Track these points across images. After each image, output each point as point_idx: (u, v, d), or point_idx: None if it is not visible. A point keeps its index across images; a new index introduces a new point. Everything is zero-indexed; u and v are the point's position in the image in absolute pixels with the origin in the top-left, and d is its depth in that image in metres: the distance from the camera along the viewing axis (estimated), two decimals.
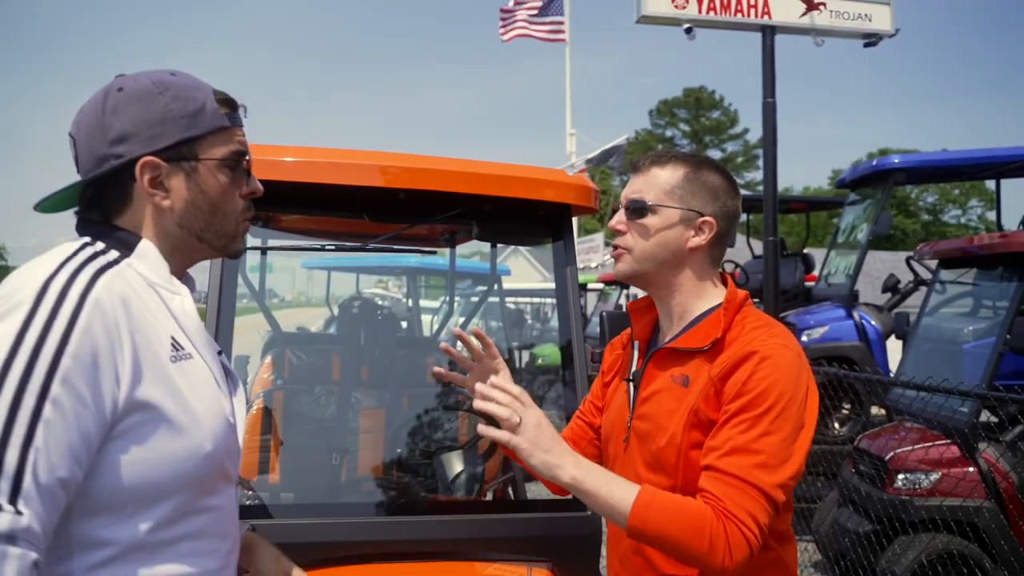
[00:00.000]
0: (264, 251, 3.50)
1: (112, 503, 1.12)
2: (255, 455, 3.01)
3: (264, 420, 3.12)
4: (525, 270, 39.27)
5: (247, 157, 1.35)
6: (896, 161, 7.73)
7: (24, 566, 0.98)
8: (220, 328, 2.25)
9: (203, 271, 1.58)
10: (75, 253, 1.18)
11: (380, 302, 4.51)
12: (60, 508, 1.06)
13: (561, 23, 16.50)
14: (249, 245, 2.56)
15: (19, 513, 0.98)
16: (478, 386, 1.44)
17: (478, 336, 1.71)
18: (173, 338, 1.21)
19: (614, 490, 1.39)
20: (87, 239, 1.23)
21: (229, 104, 1.33)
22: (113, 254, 1.22)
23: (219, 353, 1.42)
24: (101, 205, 1.28)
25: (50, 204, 1.30)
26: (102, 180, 1.25)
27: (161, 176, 1.25)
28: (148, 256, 1.26)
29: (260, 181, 2.31)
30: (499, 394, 1.42)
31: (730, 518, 1.36)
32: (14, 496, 0.99)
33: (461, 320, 9.34)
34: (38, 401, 1.02)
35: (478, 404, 1.39)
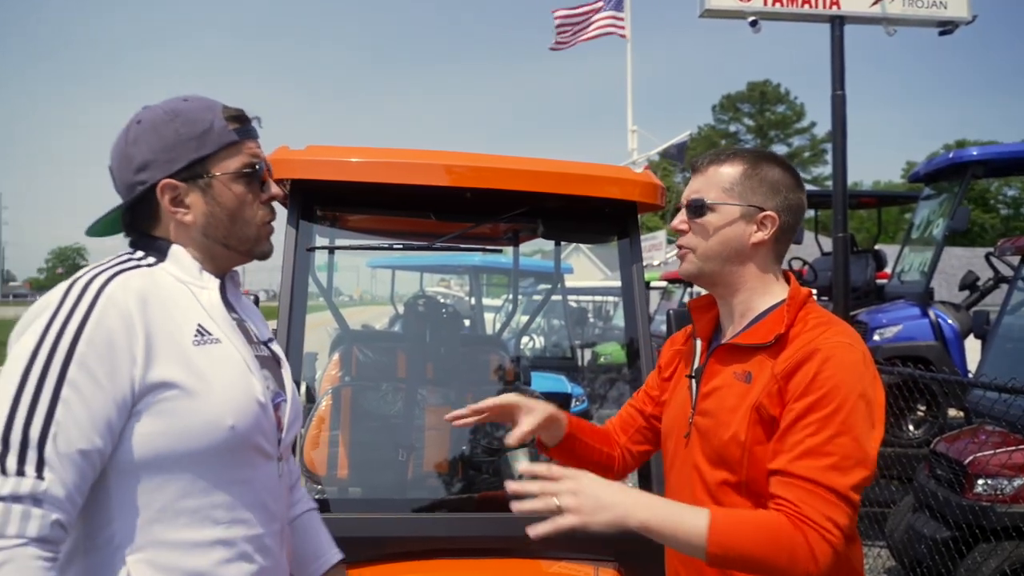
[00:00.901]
0: (331, 250, 3.56)
1: (143, 470, 1.26)
2: (323, 450, 3.07)
3: (332, 416, 3.18)
4: (587, 268, 39.12)
5: (259, 166, 1.45)
6: (974, 153, 7.44)
7: (46, 523, 1.13)
8: (292, 325, 2.30)
9: (275, 271, 1.63)
10: (111, 261, 1.36)
11: (443, 300, 4.55)
12: (87, 476, 1.21)
13: (621, 19, 16.38)
14: (317, 244, 2.61)
15: (41, 479, 1.13)
16: (508, 487, 1.41)
17: (477, 412, 1.70)
18: (200, 325, 1.35)
19: (684, 520, 1.36)
20: (130, 250, 1.42)
21: (239, 119, 1.44)
22: (150, 259, 1.39)
23: (268, 341, 1.57)
24: (137, 225, 1.45)
25: (98, 228, 1.47)
26: (134, 205, 1.41)
27: (180, 195, 1.39)
28: (178, 258, 1.41)
29: (328, 182, 2.36)
30: (528, 486, 1.40)
31: (808, 523, 1.34)
32: (39, 465, 1.14)
33: (524, 319, 9.35)
34: (57, 383, 1.18)
35: (516, 507, 1.37)
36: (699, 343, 1.71)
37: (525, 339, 9.98)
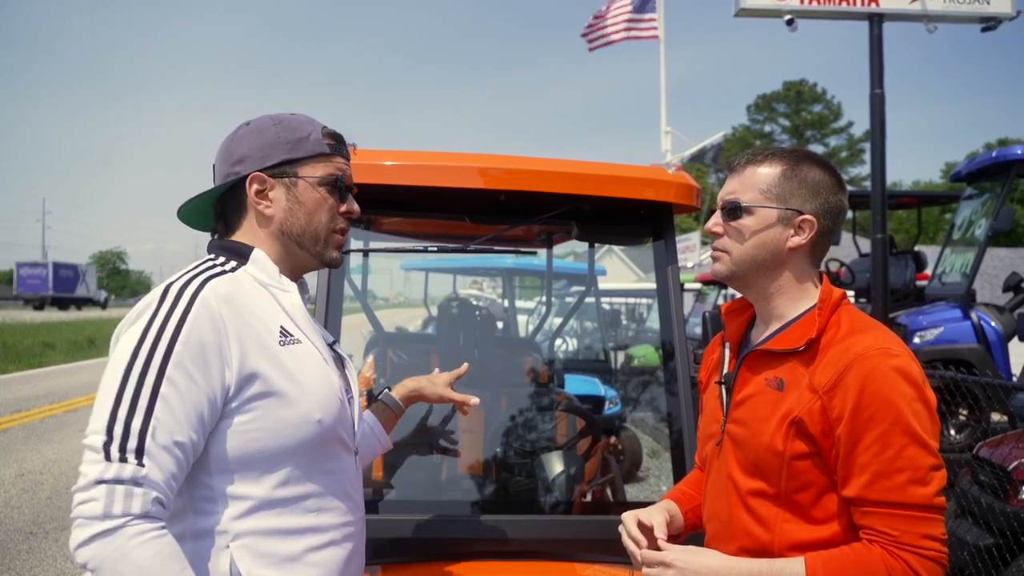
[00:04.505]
0: (366, 253, 3.59)
1: (241, 464, 1.36)
2: None
3: None
4: (620, 270, 38.95)
5: (344, 180, 1.55)
6: (1019, 152, 7.27)
7: (147, 501, 1.23)
8: (328, 327, 2.32)
9: (311, 274, 1.66)
10: (197, 266, 1.45)
11: (476, 302, 4.56)
12: (182, 466, 1.30)
13: (654, 20, 16.30)
14: (352, 247, 2.63)
15: (142, 465, 1.23)
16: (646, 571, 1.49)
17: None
18: (283, 327, 1.44)
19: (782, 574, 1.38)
20: (212, 256, 1.51)
21: (335, 137, 1.56)
22: (231, 264, 1.48)
23: (333, 343, 1.66)
24: (225, 216, 1.56)
25: (191, 218, 1.59)
26: (225, 194, 1.53)
27: (266, 189, 1.50)
28: (259, 261, 1.50)
29: (363, 185, 2.38)
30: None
31: (905, 549, 1.33)
32: (139, 454, 1.24)
33: (557, 321, 9.33)
34: (156, 380, 1.28)
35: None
36: (727, 348, 1.68)
37: (558, 341, 9.97)
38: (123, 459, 1.22)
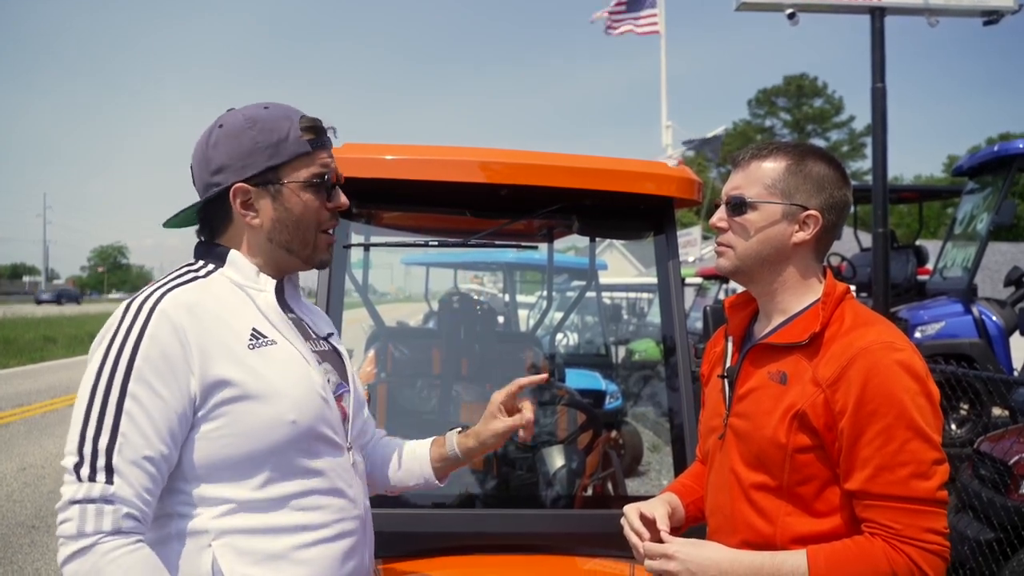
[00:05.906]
0: (367, 247, 3.59)
1: (216, 469, 1.36)
2: None
3: None
4: (621, 264, 38.90)
5: (327, 176, 1.51)
6: (1020, 146, 7.26)
7: (118, 517, 1.25)
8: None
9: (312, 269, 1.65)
10: (165, 277, 1.45)
11: (477, 297, 4.56)
12: (156, 479, 1.31)
13: (654, 15, 16.27)
14: (353, 242, 2.63)
15: (110, 483, 1.25)
16: (648, 564, 1.50)
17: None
18: (255, 329, 1.42)
19: (783, 571, 1.38)
20: (191, 261, 1.50)
21: (314, 130, 1.50)
22: (207, 268, 1.48)
23: (328, 336, 1.64)
24: (210, 224, 1.53)
25: (174, 222, 1.57)
26: (208, 204, 1.49)
27: (251, 199, 1.47)
28: (236, 263, 1.49)
29: (363, 180, 2.38)
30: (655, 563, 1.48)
31: (907, 543, 1.33)
32: (108, 472, 1.26)
33: (558, 315, 9.34)
34: (120, 398, 1.29)
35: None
36: (730, 341, 1.67)
37: (559, 336, 9.96)
38: (92, 478, 1.25)
